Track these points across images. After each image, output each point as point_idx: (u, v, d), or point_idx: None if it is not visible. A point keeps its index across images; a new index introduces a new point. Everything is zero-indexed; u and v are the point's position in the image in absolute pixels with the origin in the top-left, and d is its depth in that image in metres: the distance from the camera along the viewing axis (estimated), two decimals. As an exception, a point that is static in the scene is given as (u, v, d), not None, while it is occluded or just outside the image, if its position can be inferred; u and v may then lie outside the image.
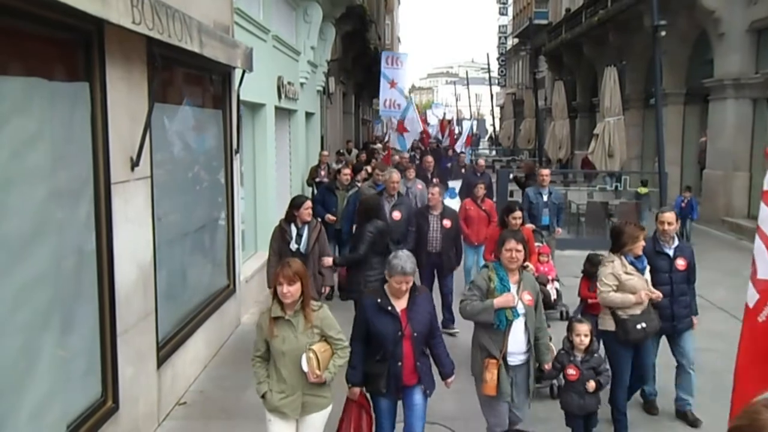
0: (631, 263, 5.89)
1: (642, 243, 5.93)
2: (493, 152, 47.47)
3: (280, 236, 7.32)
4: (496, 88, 60.19)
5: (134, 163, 5.47)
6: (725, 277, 11.81)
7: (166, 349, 6.39)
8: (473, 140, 34.18)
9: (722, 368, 5.89)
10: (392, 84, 19.51)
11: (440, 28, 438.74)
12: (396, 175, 9.39)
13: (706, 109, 19.64)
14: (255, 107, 11.01)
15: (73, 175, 4.80)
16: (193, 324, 7.21)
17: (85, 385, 4.96)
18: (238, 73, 8.48)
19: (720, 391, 6.06)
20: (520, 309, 5.07)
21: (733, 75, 17.65)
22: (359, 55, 26.28)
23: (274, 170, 11.98)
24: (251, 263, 10.27)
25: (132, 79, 5.47)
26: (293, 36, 14.50)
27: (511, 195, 15.73)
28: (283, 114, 13.59)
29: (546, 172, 11.52)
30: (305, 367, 4.38)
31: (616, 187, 16.62)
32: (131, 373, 5.48)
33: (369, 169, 13.41)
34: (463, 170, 17.47)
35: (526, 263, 6.15)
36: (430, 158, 15.94)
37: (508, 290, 5.05)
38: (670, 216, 6.35)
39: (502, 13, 65.68)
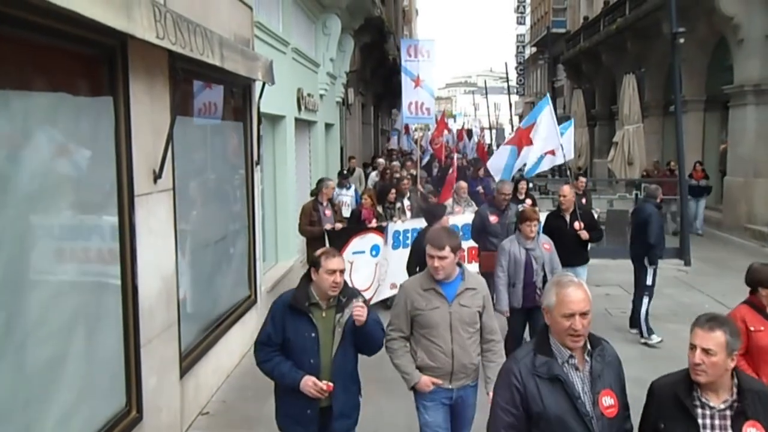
0: None
1: None
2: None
3: None
4: (514, 97, 60.00)
5: (157, 176, 5.53)
6: (748, 285, 11.69)
7: (189, 360, 6.44)
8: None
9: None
10: (417, 82, 14.88)
11: (458, 38, 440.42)
12: (575, 294, 3.08)
13: (726, 116, 19.49)
14: (275, 119, 11.09)
15: (98, 187, 4.87)
16: (215, 334, 7.26)
17: (110, 394, 5.01)
18: (258, 85, 8.55)
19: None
20: None
21: (754, 81, 17.50)
22: (378, 66, 26.38)
23: (295, 181, 12.07)
24: (272, 274, 10.33)
25: (154, 92, 5.54)
26: (312, 48, 14.59)
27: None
28: (303, 125, 13.67)
29: None
30: None
31: (636, 195, 16.49)
32: (155, 383, 5.53)
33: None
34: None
35: None
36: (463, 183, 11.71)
37: None
38: None
39: (520, 22, 65.73)
